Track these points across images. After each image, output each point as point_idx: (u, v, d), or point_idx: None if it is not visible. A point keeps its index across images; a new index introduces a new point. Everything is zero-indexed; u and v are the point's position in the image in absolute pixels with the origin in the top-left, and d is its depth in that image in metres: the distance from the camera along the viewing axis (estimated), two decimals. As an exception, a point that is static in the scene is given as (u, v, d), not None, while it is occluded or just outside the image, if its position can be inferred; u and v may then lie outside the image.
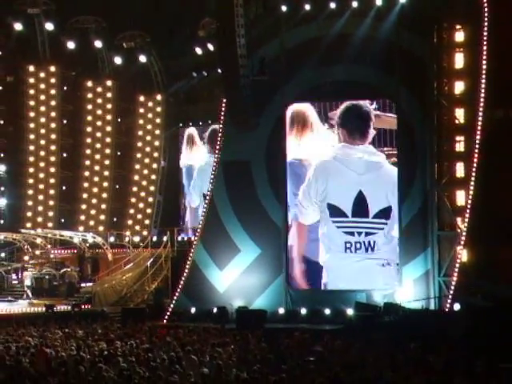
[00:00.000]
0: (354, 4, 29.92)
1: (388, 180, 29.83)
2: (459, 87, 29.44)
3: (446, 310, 27.59)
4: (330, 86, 29.61)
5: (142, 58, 39.49)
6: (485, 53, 28.27)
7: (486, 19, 28.26)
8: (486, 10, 28.23)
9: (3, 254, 38.20)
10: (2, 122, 39.26)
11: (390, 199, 29.67)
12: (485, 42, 28.30)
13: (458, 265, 27.98)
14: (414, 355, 18.28)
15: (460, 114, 29.38)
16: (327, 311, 29.06)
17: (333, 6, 30.02)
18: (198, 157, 38.67)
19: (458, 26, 29.48)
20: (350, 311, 28.54)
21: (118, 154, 41.19)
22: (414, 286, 29.09)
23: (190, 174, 39.04)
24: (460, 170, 29.34)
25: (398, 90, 29.47)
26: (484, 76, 28.23)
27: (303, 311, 29.43)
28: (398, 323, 26.08)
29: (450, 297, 27.69)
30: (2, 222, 38.95)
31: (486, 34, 28.33)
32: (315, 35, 30.22)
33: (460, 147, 29.44)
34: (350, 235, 29.84)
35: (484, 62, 28.27)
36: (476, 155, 28.19)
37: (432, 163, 29.36)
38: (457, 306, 27.06)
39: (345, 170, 29.95)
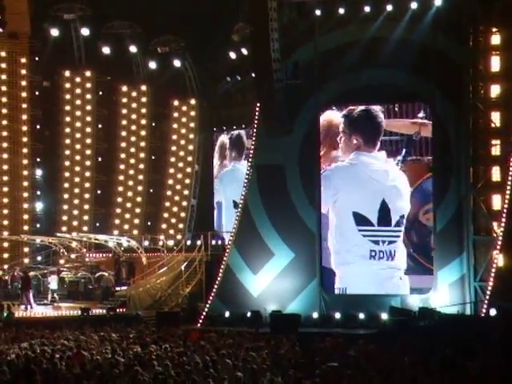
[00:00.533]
0: (389, 7, 29.79)
1: (403, 187, 29.82)
2: (495, 91, 29.17)
3: (482, 315, 27.35)
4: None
5: (177, 63, 39.68)
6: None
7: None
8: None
9: (39, 258, 38.60)
10: (38, 127, 39.63)
11: (404, 207, 29.72)
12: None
13: (494, 270, 27.72)
14: (450, 360, 18.14)
15: (496, 117, 29.11)
16: (361, 316, 28.93)
17: (367, 9, 29.90)
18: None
19: (494, 29, 29.22)
20: (384, 316, 28.40)
21: (153, 158, 41.40)
22: (450, 291, 28.86)
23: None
24: (496, 173, 29.07)
25: (433, 94, 29.28)
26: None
27: (337, 316, 29.32)
28: (433, 328, 25.89)
29: (486, 302, 27.44)
30: (38, 225, 39.29)
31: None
32: (349, 39, 30.12)
33: (496, 151, 29.16)
34: (376, 244, 29.84)
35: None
36: (512, 159, 27.94)
37: (467, 167, 29.14)
38: (493, 312, 26.82)
39: (368, 179, 29.94)
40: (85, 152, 40.31)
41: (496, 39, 29.24)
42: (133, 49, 39.50)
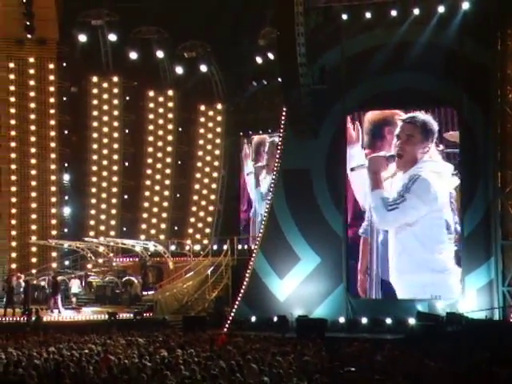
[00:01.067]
0: (416, 11, 29.67)
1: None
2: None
3: (511, 320, 27.12)
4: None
5: (203, 68, 39.78)
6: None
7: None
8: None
9: (67, 262, 38.83)
10: (66, 132, 39.89)
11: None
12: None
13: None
14: (478, 366, 18.00)
15: None
16: (388, 320, 28.80)
17: (394, 13, 29.80)
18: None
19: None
20: (411, 321, 28.25)
21: (179, 163, 41.52)
22: (477, 296, 28.64)
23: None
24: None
25: (461, 98, 29.11)
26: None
27: (364, 320, 29.22)
28: (461, 333, 25.71)
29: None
30: (65, 230, 39.51)
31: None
32: (376, 43, 30.05)
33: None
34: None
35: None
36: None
37: (495, 172, 28.93)
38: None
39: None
40: (112, 157, 40.53)
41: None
42: (160, 54, 39.65)
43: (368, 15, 30.24)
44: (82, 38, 38.82)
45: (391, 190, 29.80)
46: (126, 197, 40.93)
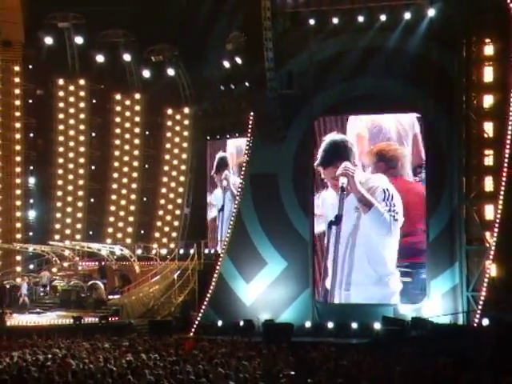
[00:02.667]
0: (382, 17, 29.87)
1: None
2: (488, 101, 29.27)
3: (475, 325, 27.36)
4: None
5: (170, 72, 39.69)
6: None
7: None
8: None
9: (32, 266, 38.49)
10: (31, 135, 39.57)
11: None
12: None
13: (486, 279, 27.74)
14: (443, 370, 18.13)
15: (489, 127, 29.20)
16: (354, 325, 28.91)
17: (361, 19, 29.96)
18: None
19: (487, 40, 29.33)
20: (377, 325, 28.39)
21: (146, 166, 41.39)
22: (442, 301, 28.87)
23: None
24: (489, 184, 29.14)
25: (427, 104, 29.36)
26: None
27: (330, 325, 29.31)
28: (426, 338, 25.89)
29: (479, 312, 27.45)
30: (30, 234, 39.19)
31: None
32: (343, 48, 30.19)
33: (489, 161, 29.24)
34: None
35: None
36: (505, 169, 28.00)
37: (460, 177, 29.20)
38: (485, 322, 26.83)
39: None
40: (78, 160, 40.27)
41: (489, 50, 29.36)
42: (126, 57, 39.51)
43: (335, 21, 30.38)
44: (48, 40, 38.54)
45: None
46: (92, 200, 40.67)
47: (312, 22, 30.64)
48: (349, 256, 29.87)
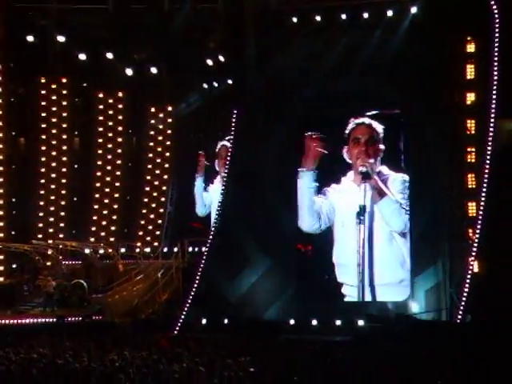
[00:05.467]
0: (365, 15, 29.98)
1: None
2: (470, 98, 29.41)
3: (458, 321, 27.50)
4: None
5: (153, 70, 39.60)
6: (496, 64, 28.27)
7: (497, 30, 28.27)
8: (497, 20, 28.25)
9: (14, 265, 38.32)
10: (13, 134, 39.39)
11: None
12: (496, 53, 28.29)
13: (469, 276, 27.89)
14: (426, 366, 18.23)
15: (471, 124, 29.34)
16: (338, 322, 28.98)
17: (344, 17, 30.07)
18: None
19: (469, 37, 29.48)
20: (360, 322, 28.46)
21: (129, 164, 41.29)
22: (426, 298, 29.01)
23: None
24: (471, 180, 29.29)
25: (409, 101, 29.45)
26: (495, 87, 28.21)
27: (314, 322, 29.37)
28: (409, 334, 26.00)
29: (462, 308, 27.60)
30: (13, 233, 39.02)
31: (497, 44, 28.34)
32: (326, 46, 30.27)
33: (471, 158, 29.39)
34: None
35: (495, 72, 28.26)
36: (487, 166, 28.15)
37: (443, 174, 29.31)
38: (468, 318, 26.99)
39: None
40: (61, 159, 40.08)
41: (471, 47, 29.50)
42: (109, 55, 39.38)
43: (318, 18, 30.45)
44: (30, 38, 38.38)
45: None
46: (75, 199, 40.52)
47: (294, 19, 30.68)
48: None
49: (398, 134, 29.97)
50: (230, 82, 34.74)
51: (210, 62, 37.51)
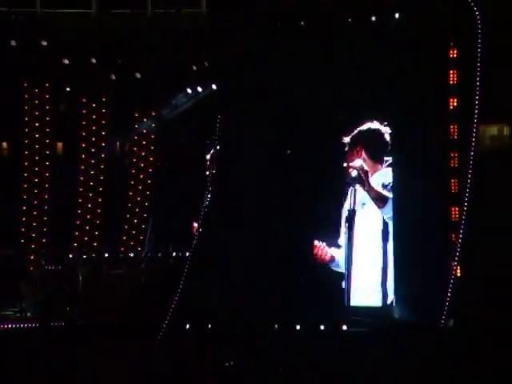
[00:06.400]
0: (349, 19, 30.12)
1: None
2: (453, 104, 29.59)
3: (441, 325, 27.66)
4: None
5: (137, 74, 39.66)
6: (478, 69, 28.49)
7: (479, 36, 28.49)
8: (479, 26, 28.47)
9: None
10: (-4, 138, 39.46)
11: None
12: (479, 59, 28.51)
13: (452, 280, 28.04)
14: (410, 369, 18.37)
15: (454, 130, 29.53)
16: (322, 327, 29.02)
17: (327, 23, 30.19)
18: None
19: (451, 43, 29.67)
20: (344, 326, 28.54)
21: (113, 169, 41.31)
22: (409, 302, 29.10)
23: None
24: (454, 185, 29.46)
25: (393, 106, 29.58)
26: (478, 93, 28.42)
27: (298, 327, 29.41)
28: (392, 337, 26.14)
29: (445, 312, 27.74)
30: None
31: (479, 50, 28.55)
32: (311, 53, 30.35)
33: (454, 163, 29.57)
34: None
35: (478, 78, 28.48)
36: (470, 171, 28.33)
37: (427, 179, 29.46)
38: (451, 322, 27.14)
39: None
40: (44, 163, 40.11)
41: (454, 52, 29.69)
42: (93, 60, 39.41)
43: (302, 23, 30.54)
44: (12, 42, 38.36)
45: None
46: (58, 203, 40.50)
47: (280, 24, 30.75)
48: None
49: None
50: (214, 87, 34.88)
51: (194, 67, 37.73)
